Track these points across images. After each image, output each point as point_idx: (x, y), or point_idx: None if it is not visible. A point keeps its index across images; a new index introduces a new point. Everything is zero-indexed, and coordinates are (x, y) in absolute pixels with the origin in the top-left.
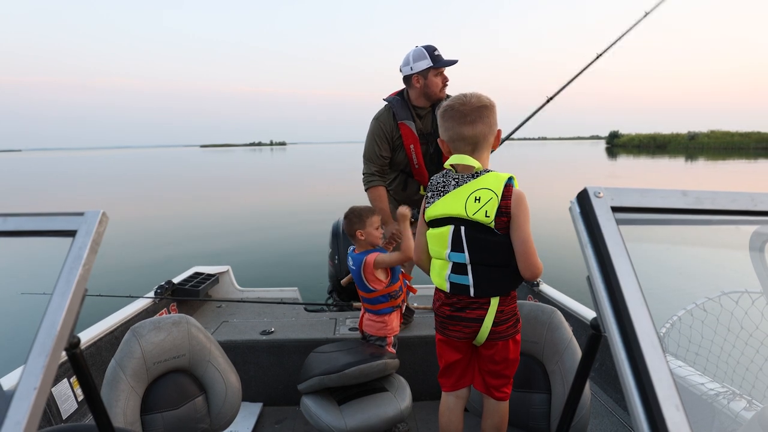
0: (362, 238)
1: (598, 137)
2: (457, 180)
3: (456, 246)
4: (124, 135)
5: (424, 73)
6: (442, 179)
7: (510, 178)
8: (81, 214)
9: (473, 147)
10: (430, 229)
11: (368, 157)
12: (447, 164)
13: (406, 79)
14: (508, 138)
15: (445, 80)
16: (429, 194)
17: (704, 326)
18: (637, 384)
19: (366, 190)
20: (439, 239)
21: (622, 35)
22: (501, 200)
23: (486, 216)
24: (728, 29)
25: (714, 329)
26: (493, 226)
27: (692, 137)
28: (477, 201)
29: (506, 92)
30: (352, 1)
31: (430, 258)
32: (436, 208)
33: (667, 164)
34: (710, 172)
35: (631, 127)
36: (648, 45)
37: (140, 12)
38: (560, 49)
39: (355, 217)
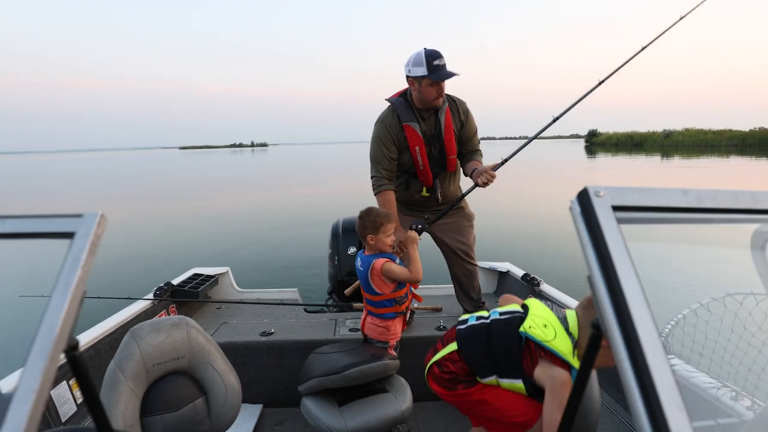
0: (372, 243)
1: (577, 136)
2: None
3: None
4: (97, 137)
5: (418, 79)
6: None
7: (566, 363)
8: (79, 215)
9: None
10: None
11: (376, 160)
12: None
13: (407, 79)
14: (514, 154)
15: (440, 90)
16: None
17: (708, 326)
18: (639, 384)
19: (375, 195)
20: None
21: (624, 63)
22: (543, 347)
23: (524, 328)
24: (701, 34)
25: (718, 329)
26: (522, 337)
27: (667, 135)
28: (545, 327)
29: (488, 92)
30: (336, 1)
31: None
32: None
33: (644, 162)
34: (685, 169)
35: (609, 125)
36: (624, 47)
37: (116, 9)
38: (540, 50)
39: (369, 221)
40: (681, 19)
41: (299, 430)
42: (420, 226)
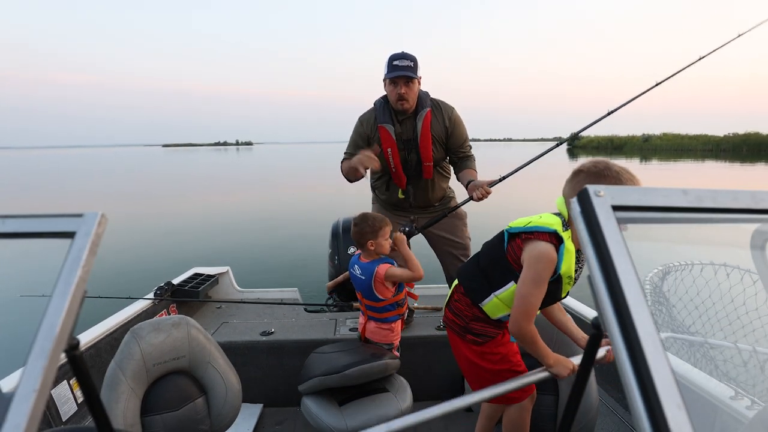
0: (372, 248)
1: (560, 138)
2: None
3: None
4: (77, 133)
5: (385, 80)
6: None
7: (553, 232)
8: (80, 215)
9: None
10: None
11: (348, 152)
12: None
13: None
14: (523, 166)
15: (399, 91)
16: None
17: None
18: (639, 383)
19: (342, 172)
20: None
21: (634, 98)
22: (525, 231)
23: (508, 225)
24: (675, 41)
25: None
26: (505, 236)
27: (646, 139)
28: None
29: (476, 93)
30: (332, 1)
31: None
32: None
33: (625, 165)
34: (664, 172)
35: (590, 129)
36: (604, 52)
37: (98, 3)
38: (523, 56)
39: (368, 227)
40: (699, 58)
41: (299, 429)
42: (408, 230)
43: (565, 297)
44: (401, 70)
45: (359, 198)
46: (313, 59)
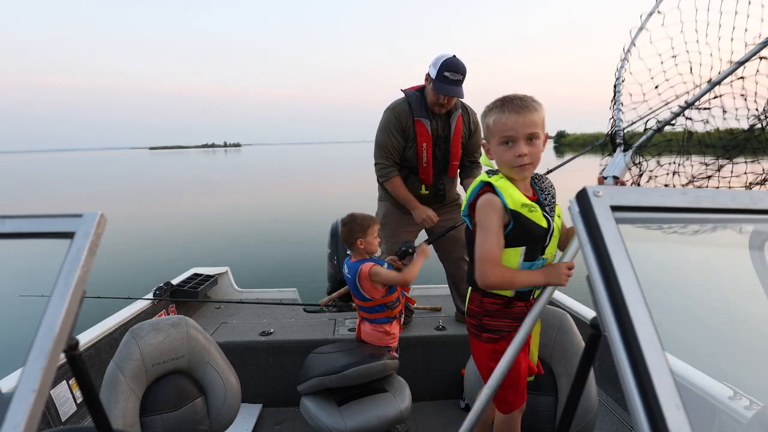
0: (361, 247)
1: (552, 137)
2: None
3: None
4: (62, 136)
5: (429, 80)
6: None
7: (481, 184)
8: (79, 215)
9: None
10: None
11: (383, 147)
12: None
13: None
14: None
15: (440, 99)
16: None
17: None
18: (638, 383)
19: (383, 182)
20: None
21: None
22: (468, 203)
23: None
24: (661, 39)
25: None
26: (466, 221)
27: (632, 136)
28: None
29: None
30: (324, 1)
31: None
32: None
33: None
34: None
35: (576, 127)
36: (590, 54)
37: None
38: (516, 57)
39: (357, 225)
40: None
41: (298, 429)
42: (411, 251)
43: (548, 227)
44: (452, 84)
45: (358, 198)
46: (302, 59)
